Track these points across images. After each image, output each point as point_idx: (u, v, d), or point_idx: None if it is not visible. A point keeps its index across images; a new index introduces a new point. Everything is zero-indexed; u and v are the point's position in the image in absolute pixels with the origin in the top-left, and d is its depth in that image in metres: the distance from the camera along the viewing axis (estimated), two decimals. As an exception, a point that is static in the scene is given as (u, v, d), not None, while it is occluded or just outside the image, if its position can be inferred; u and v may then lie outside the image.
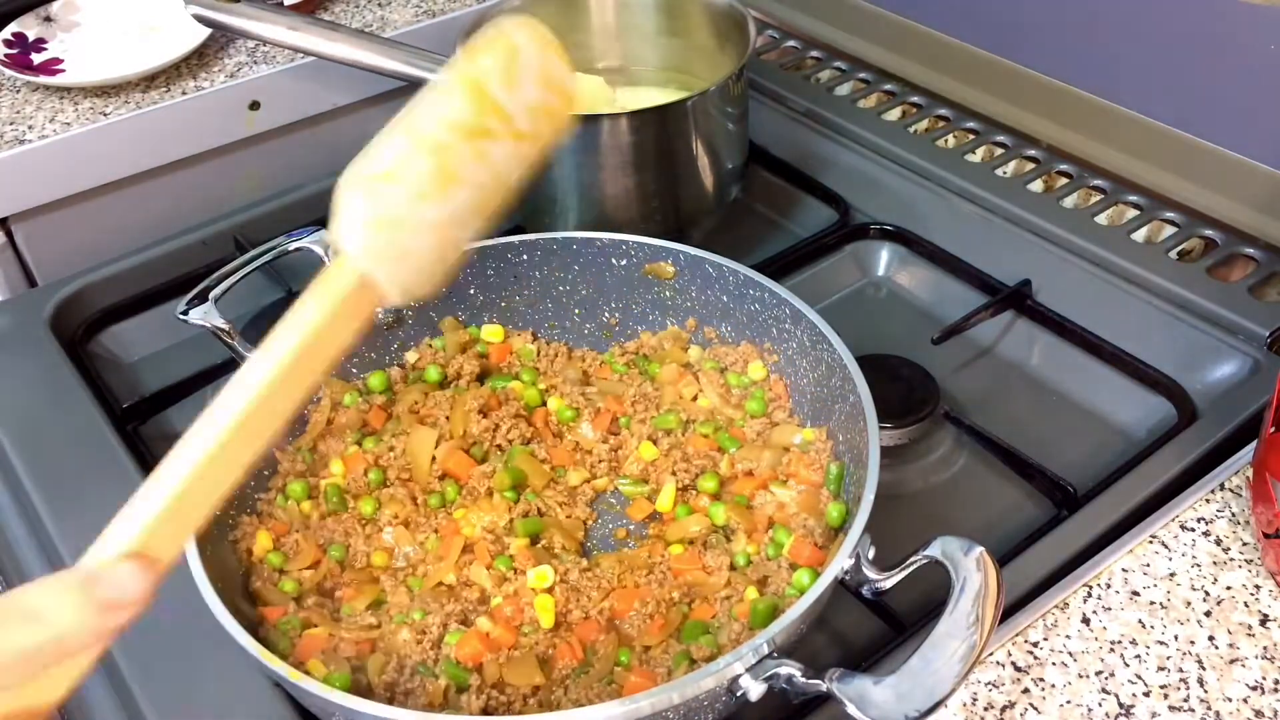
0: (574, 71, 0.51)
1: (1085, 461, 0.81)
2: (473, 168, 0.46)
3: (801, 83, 1.18)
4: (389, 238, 0.45)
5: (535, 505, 0.74)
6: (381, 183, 0.45)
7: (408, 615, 0.66)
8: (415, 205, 0.45)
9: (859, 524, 0.61)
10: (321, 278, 0.46)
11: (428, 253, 0.46)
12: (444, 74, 0.48)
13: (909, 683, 0.53)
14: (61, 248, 1.09)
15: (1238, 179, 0.94)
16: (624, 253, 0.83)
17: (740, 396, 0.80)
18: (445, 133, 0.46)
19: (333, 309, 0.44)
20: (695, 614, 0.66)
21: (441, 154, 0.46)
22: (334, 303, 0.44)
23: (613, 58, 1.10)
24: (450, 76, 0.48)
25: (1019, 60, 1.07)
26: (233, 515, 0.71)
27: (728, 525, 0.71)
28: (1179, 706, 0.61)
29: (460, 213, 0.47)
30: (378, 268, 0.45)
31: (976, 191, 1.01)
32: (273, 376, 0.43)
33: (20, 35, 1.18)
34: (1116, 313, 0.89)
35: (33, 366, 0.89)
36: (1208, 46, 0.93)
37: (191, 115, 1.11)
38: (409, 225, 0.45)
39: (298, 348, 0.43)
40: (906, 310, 0.97)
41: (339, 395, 0.79)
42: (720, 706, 0.58)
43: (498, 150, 0.47)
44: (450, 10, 1.25)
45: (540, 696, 0.63)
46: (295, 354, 0.43)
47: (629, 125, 0.91)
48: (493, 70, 0.47)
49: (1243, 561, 0.69)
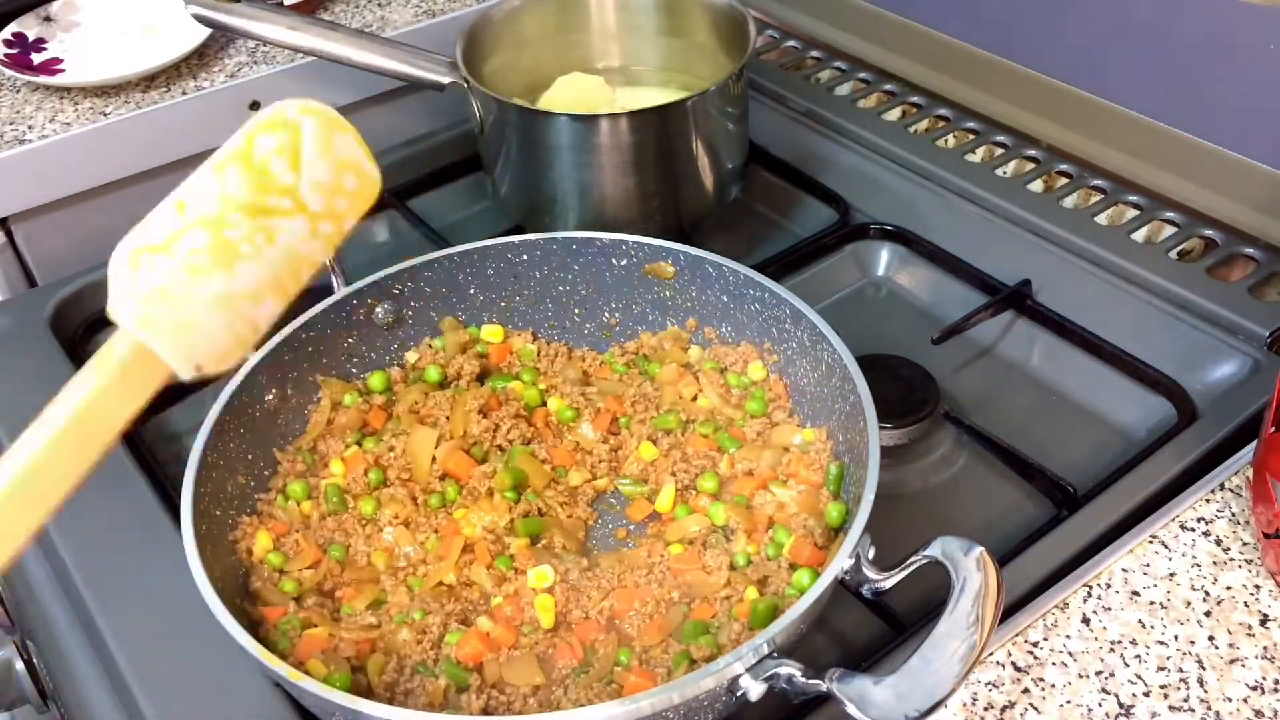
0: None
1: (1085, 461, 0.81)
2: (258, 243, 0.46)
3: (801, 83, 1.18)
4: (161, 310, 0.45)
5: (536, 505, 0.74)
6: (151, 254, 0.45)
7: (408, 615, 0.66)
8: (190, 279, 0.45)
9: (859, 524, 0.61)
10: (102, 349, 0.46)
11: (217, 328, 0.46)
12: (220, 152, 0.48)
13: (909, 683, 0.53)
14: (61, 248, 1.09)
15: (1238, 179, 0.94)
16: (624, 253, 0.83)
17: (740, 396, 0.80)
18: (223, 208, 0.46)
19: (108, 379, 0.44)
20: (695, 614, 0.66)
21: (218, 228, 0.46)
22: (109, 373, 0.44)
23: (613, 58, 1.10)
24: (227, 154, 0.48)
25: (1019, 60, 1.07)
26: (233, 515, 0.71)
27: (727, 525, 0.71)
28: (1179, 706, 0.61)
29: (251, 288, 0.46)
30: (153, 339, 0.45)
31: (976, 191, 1.01)
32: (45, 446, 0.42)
33: (20, 35, 1.18)
34: (1116, 313, 0.89)
35: (33, 366, 0.89)
36: (1208, 46, 0.93)
37: (191, 115, 1.11)
38: (183, 298, 0.45)
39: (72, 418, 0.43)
40: (906, 310, 0.97)
41: (339, 395, 0.79)
42: (720, 706, 0.58)
43: (287, 227, 0.47)
44: (450, 10, 1.25)
45: (540, 696, 0.63)
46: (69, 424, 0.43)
47: (629, 125, 0.91)
48: (272, 149, 0.48)
49: (1243, 561, 0.69)
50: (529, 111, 0.94)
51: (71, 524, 0.76)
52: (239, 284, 0.46)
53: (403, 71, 0.97)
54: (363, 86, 1.17)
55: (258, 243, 0.46)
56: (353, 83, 1.16)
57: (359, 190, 0.50)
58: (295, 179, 0.47)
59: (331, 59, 0.97)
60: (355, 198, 0.50)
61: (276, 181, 0.47)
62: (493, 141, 0.97)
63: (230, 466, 0.72)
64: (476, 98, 0.95)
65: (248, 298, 0.46)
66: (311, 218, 0.48)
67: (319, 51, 0.97)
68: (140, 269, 0.45)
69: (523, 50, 1.04)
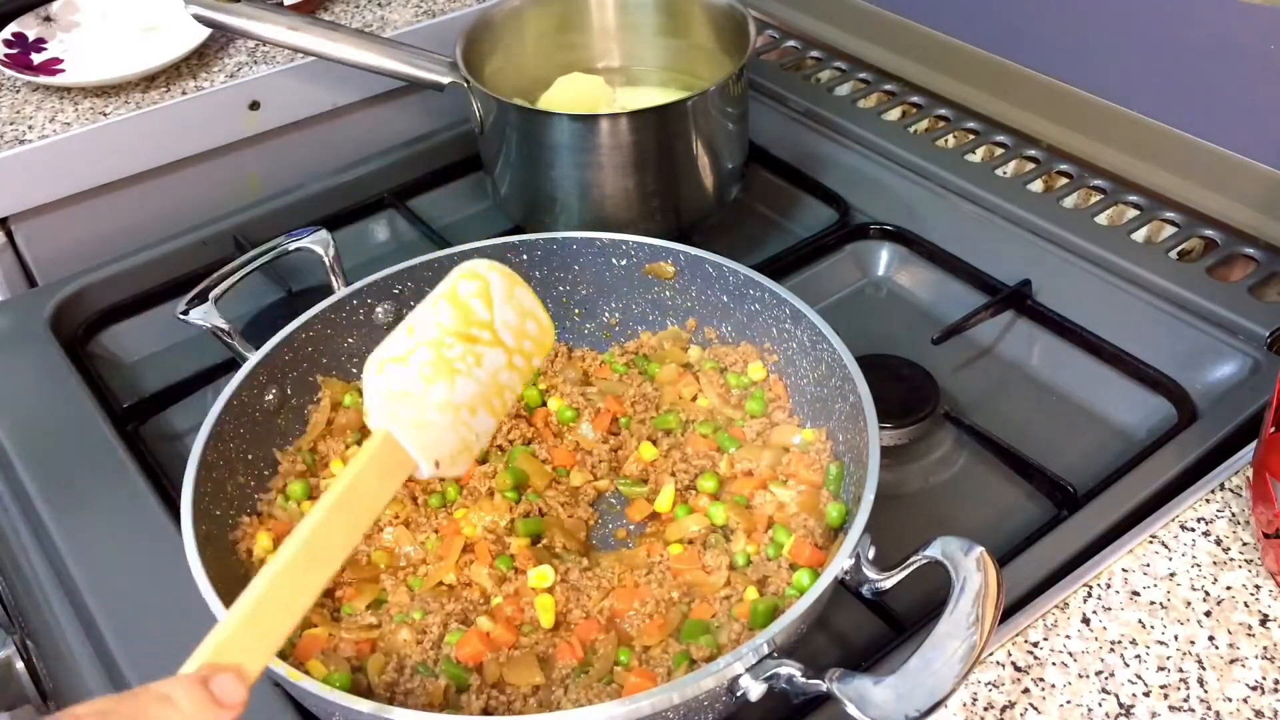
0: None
1: (1085, 461, 0.81)
2: (469, 364, 0.58)
3: (801, 83, 1.18)
4: (402, 408, 0.56)
5: (536, 505, 0.74)
6: (393, 364, 0.57)
7: (408, 615, 0.66)
8: (423, 384, 0.56)
9: (859, 524, 0.61)
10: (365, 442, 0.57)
11: (445, 428, 0.57)
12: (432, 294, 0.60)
13: (909, 683, 0.53)
14: (61, 248, 1.09)
15: (1238, 179, 0.94)
16: (624, 253, 0.83)
17: (740, 397, 0.80)
18: (440, 333, 0.58)
19: (365, 465, 0.55)
20: (695, 614, 0.66)
21: (439, 348, 0.58)
22: (366, 460, 0.55)
23: (613, 58, 1.10)
24: (437, 295, 0.60)
25: (1019, 60, 1.07)
26: (233, 515, 0.71)
27: (727, 525, 0.71)
28: (1179, 706, 0.61)
29: (466, 399, 0.58)
30: (397, 428, 0.56)
31: (976, 191, 1.01)
32: (319, 520, 0.52)
33: (20, 35, 1.18)
34: (1116, 313, 0.89)
35: (33, 366, 0.89)
36: (1208, 46, 0.93)
37: (191, 115, 1.11)
38: (418, 399, 0.56)
39: (340, 496, 0.53)
40: (906, 310, 0.97)
41: (339, 395, 0.79)
42: (720, 706, 0.58)
43: (490, 356, 0.59)
44: (450, 10, 1.26)
45: (540, 696, 0.63)
46: (338, 500, 0.53)
47: (629, 125, 0.91)
48: (471, 292, 0.60)
49: (1243, 561, 0.69)
50: (529, 111, 0.94)
51: (71, 524, 0.76)
52: (459, 395, 0.57)
53: (403, 71, 0.97)
54: (363, 86, 1.17)
55: (469, 363, 0.58)
56: (353, 83, 1.16)
57: (539, 336, 0.62)
58: (490, 316, 0.60)
59: (331, 59, 0.97)
60: (537, 342, 0.62)
61: (476, 316, 0.59)
62: (493, 141, 0.97)
63: (230, 466, 0.72)
64: (476, 98, 0.95)
65: (466, 407, 0.58)
66: (507, 351, 0.60)
67: (319, 51, 0.97)
68: (385, 374, 0.57)
69: (523, 50, 1.05)
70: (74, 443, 0.82)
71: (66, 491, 0.79)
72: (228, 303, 0.81)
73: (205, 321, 0.79)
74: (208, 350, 0.85)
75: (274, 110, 1.15)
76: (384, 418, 0.56)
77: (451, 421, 0.57)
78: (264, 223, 1.02)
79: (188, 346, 0.93)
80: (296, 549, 0.51)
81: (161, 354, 0.96)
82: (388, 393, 0.56)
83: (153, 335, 0.97)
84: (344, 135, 1.20)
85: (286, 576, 0.50)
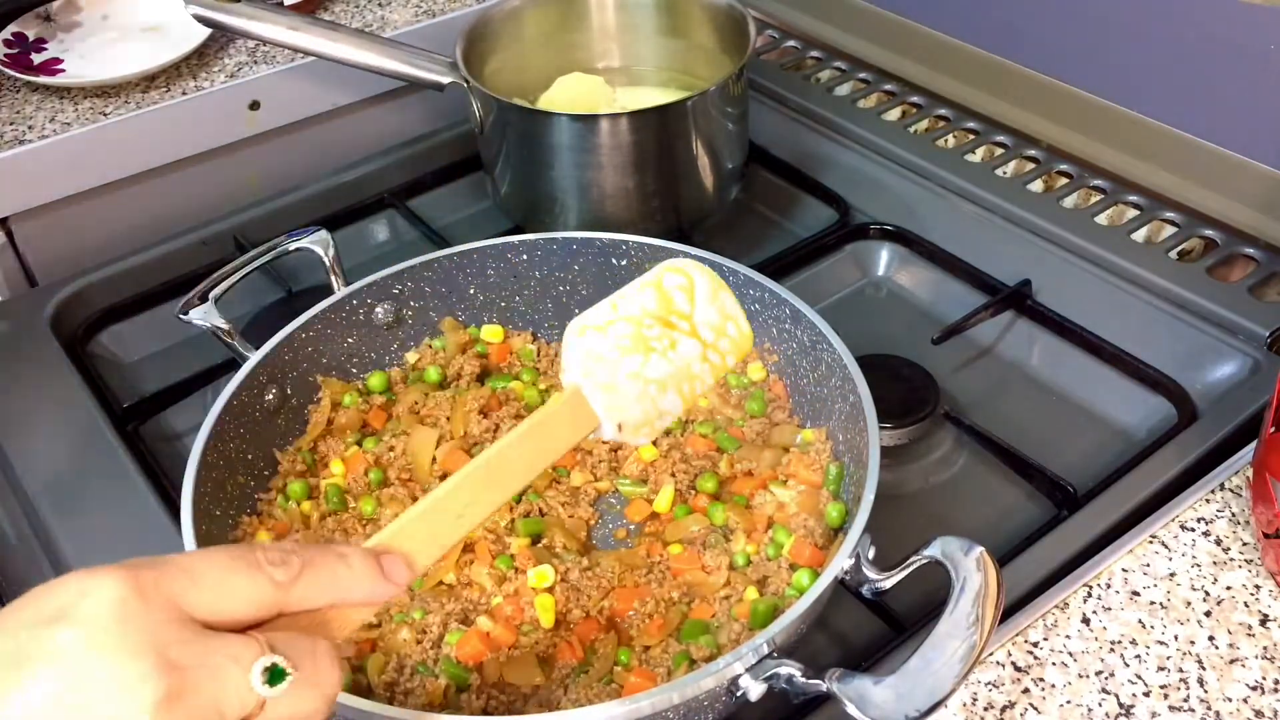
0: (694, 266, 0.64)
1: (1085, 461, 0.81)
2: (664, 346, 0.61)
3: (801, 83, 1.18)
4: (595, 368, 0.59)
5: (537, 505, 0.74)
6: (595, 331, 0.60)
7: (408, 615, 0.66)
8: (617, 352, 0.60)
9: (859, 524, 0.61)
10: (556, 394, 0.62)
11: (631, 397, 0.60)
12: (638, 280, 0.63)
13: (909, 683, 0.53)
14: (61, 248, 1.09)
15: (1238, 179, 0.94)
16: (624, 253, 0.83)
17: (740, 396, 0.80)
18: (641, 313, 0.61)
19: (554, 409, 0.58)
20: (695, 613, 0.66)
21: (638, 325, 0.61)
22: (556, 406, 0.58)
23: (613, 58, 1.10)
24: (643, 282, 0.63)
25: (1019, 60, 1.07)
26: (233, 515, 0.71)
27: (727, 525, 0.71)
28: (1179, 706, 0.61)
29: (658, 376, 0.60)
30: (587, 385, 0.59)
31: (976, 191, 1.01)
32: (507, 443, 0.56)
33: (20, 35, 1.18)
34: (1116, 313, 0.89)
35: (33, 366, 0.89)
36: (1208, 46, 0.93)
37: (191, 115, 1.11)
38: (611, 365, 0.59)
39: (527, 431, 0.56)
40: (906, 310, 0.97)
41: (339, 395, 0.79)
42: (720, 706, 0.58)
43: (685, 344, 0.61)
44: (450, 10, 1.26)
45: (540, 696, 0.63)
46: (524, 434, 0.56)
47: (629, 125, 0.91)
48: (676, 285, 0.63)
49: (1243, 561, 0.69)
50: (529, 111, 0.94)
51: (72, 524, 0.76)
52: (650, 371, 0.60)
53: (403, 71, 0.97)
54: (363, 86, 1.17)
55: (664, 345, 0.61)
56: (353, 83, 1.16)
57: (737, 340, 0.63)
58: (691, 309, 0.62)
59: (331, 59, 0.97)
60: (734, 344, 0.63)
61: (677, 306, 0.62)
62: (493, 141, 0.97)
63: (230, 466, 0.72)
64: (476, 98, 0.95)
65: (656, 383, 0.60)
66: (703, 345, 0.62)
67: (319, 51, 0.97)
68: (586, 337, 0.60)
69: (523, 50, 1.04)
70: (74, 443, 0.82)
71: (66, 491, 0.79)
72: (228, 303, 0.81)
73: (205, 322, 0.79)
74: (207, 350, 0.85)
75: (274, 110, 1.15)
76: (578, 374, 0.59)
77: (639, 393, 0.60)
78: (264, 223, 1.02)
79: (187, 346, 0.93)
80: (480, 465, 0.54)
81: (161, 354, 0.96)
82: (585, 352, 0.60)
83: (152, 335, 0.97)
84: (344, 135, 1.20)
85: (465, 488, 0.53)
